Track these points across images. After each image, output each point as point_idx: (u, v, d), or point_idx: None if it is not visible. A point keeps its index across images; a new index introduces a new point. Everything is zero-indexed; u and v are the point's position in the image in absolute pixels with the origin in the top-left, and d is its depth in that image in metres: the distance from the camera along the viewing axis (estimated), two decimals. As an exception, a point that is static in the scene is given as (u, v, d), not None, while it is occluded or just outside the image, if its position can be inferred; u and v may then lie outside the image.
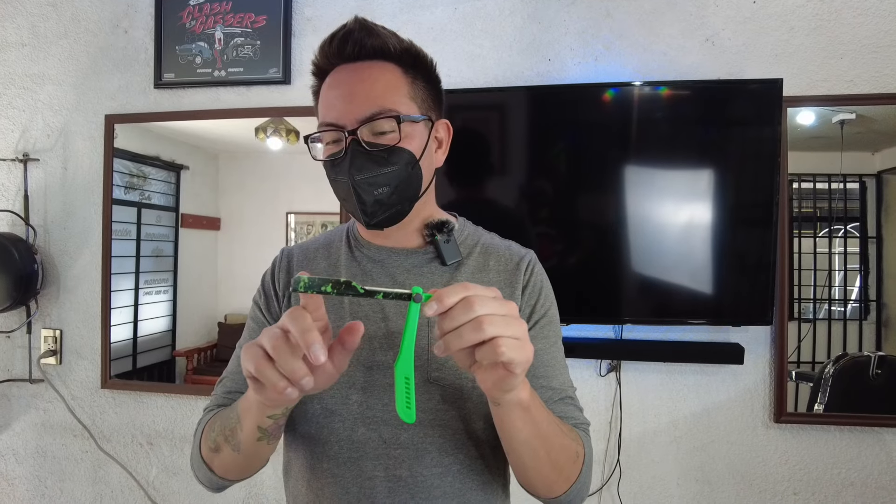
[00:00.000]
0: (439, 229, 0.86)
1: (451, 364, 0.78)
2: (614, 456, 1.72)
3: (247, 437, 0.73)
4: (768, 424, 1.67)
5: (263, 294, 0.91)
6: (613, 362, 1.72)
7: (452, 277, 0.84)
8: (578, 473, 0.76)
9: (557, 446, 0.73)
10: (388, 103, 0.77)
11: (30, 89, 2.03)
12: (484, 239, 0.91)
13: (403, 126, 0.78)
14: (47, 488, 2.04)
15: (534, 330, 0.84)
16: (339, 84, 0.79)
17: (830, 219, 1.65)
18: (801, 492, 1.67)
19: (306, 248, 0.93)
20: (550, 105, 1.67)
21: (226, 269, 1.96)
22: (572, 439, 0.76)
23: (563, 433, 0.74)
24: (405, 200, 0.82)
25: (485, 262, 0.87)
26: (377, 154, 0.77)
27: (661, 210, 1.62)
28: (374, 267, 0.86)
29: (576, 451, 0.76)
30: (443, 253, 0.84)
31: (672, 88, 1.62)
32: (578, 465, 0.76)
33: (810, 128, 1.64)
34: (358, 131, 0.76)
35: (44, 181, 2.01)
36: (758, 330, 1.67)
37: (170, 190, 1.98)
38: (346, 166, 0.77)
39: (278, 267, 0.92)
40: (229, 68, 1.89)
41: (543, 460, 0.73)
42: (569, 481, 0.76)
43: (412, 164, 0.80)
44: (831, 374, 1.66)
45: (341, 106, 0.77)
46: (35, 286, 1.95)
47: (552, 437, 0.72)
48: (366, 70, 0.79)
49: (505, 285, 0.85)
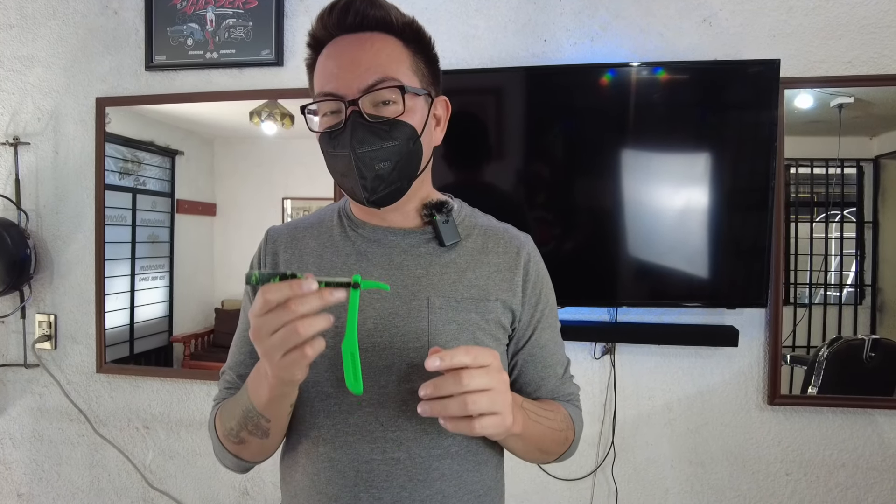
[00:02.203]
0: (438, 209, 0.84)
1: (452, 345, 0.77)
2: (608, 438, 1.73)
3: (278, 423, 0.77)
4: (762, 406, 1.68)
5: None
6: (608, 345, 1.72)
7: (451, 259, 0.83)
8: (568, 447, 0.87)
9: (549, 442, 0.82)
10: (392, 72, 0.75)
11: (19, 72, 2.00)
12: (481, 221, 0.90)
13: (406, 98, 0.75)
14: (44, 472, 2.05)
15: (542, 322, 0.88)
16: (339, 53, 0.76)
17: (827, 204, 1.65)
18: (793, 472, 1.68)
19: (294, 228, 0.90)
20: (546, 86, 1.66)
21: (222, 255, 1.95)
22: (563, 429, 0.84)
23: (556, 430, 0.82)
24: (405, 178, 0.79)
25: (484, 244, 0.86)
26: (379, 126, 0.74)
27: (657, 193, 1.62)
28: (370, 247, 0.83)
29: (566, 436, 0.85)
30: (441, 234, 0.83)
31: (668, 69, 1.60)
32: (567, 443, 0.87)
33: (808, 111, 1.63)
34: (359, 101, 0.73)
35: (35, 165, 1.99)
36: (752, 313, 1.67)
37: (165, 175, 1.96)
38: (347, 138, 0.74)
39: (264, 251, 0.90)
40: (221, 50, 1.86)
41: (537, 455, 0.85)
42: (558, 454, 0.87)
43: (413, 139, 0.77)
44: (825, 356, 1.67)
45: (342, 74, 0.74)
46: (28, 271, 1.94)
47: (546, 441, 0.81)
48: (367, 40, 0.76)
49: (505, 269, 0.84)
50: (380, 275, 0.81)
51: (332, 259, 0.84)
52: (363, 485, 0.78)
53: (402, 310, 0.79)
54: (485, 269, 0.83)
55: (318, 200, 1.88)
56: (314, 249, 0.86)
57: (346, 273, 0.81)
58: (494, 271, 0.83)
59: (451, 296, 0.79)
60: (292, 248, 0.87)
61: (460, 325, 0.79)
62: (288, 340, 0.60)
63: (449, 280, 0.81)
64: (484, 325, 0.80)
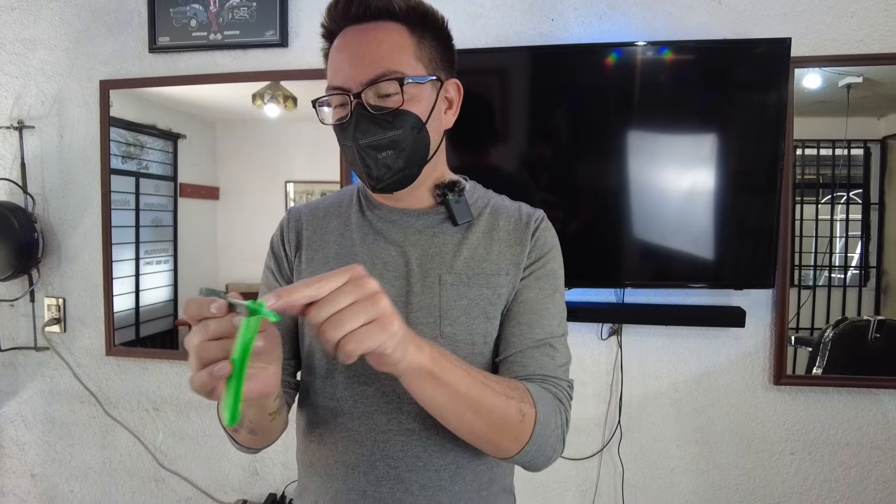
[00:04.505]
0: (450, 189, 0.86)
1: (463, 320, 0.81)
2: (615, 418, 1.75)
3: (259, 422, 0.76)
4: (768, 387, 1.69)
5: (274, 258, 0.91)
6: (615, 326, 1.73)
7: (464, 237, 0.85)
8: (531, 433, 0.71)
9: (487, 407, 0.68)
10: (393, 65, 0.77)
11: (21, 55, 1.99)
12: (494, 201, 0.91)
13: (408, 88, 0.77)
14: (57, 453, 2.08)
15: (528, 279, 0.84)
16: (345, 47, 0.79)
17: (833, 185, 1.64)
18: (797, 451, 1.70)
19: (315, 208, 0.93)
20: (551, 66, 1.64)
21: (225, 239, 1.96)
22: (512, 398, 0.70)
23: (497, 393, 0.69)
24: (413, 164, 0.81)
25: (494, 222, 0.87)
26: (381, 117, 0.77)
27: (664, 174, 1.61)
28: (386, 226, 0.86)
29: (518, 409, 0.70)
30: (454, 213, 0.85)
31: (677, 48, 1.58)
32: (528, 424, 0.71)
33: (815, 92, 1.61)
34: (362, 94, 0.76)
35: (40, 149, 1.99)
36: (759, 294, 1.67)
37: (167, 159, 1.96)
38: (351, 130, 0.78)
39: (286, 228, 0.92)
40: (225, 31, 1.84)
41: (472, 423, 0.70)
42: (519, 441, 0.71)
43: (418, 127, 0.79)
44: (830, 337, 1.67)
45: (347, 69, 0.77)
46: (36, 255, 1.95)
47: (478, 399, 0.68)
48: (370, 32, 0.78)
49: (515, 243, 0.85)
50: (396, 252, 0.84)
51: (352, 237, 0.87)
52: (379, 454, 0.81)
53: (416, 287, 0.82)
54: (496, 246, 0.85)
55: (321, 184, 1.88)
56: (336, 228, 0.89)
57: (365, 251, 0.85)
58: (505, 247, 0.85)
59: (463, 272, 0.82)
60: (314, 226, 0.90)
61: (471, 301, 0.81)
62: (194, 361, 0.56)
63: (461, 257, 0.83)
64: (495, 300, 0.82)
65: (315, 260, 0.87)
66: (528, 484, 1.80)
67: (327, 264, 0.85)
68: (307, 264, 0.87)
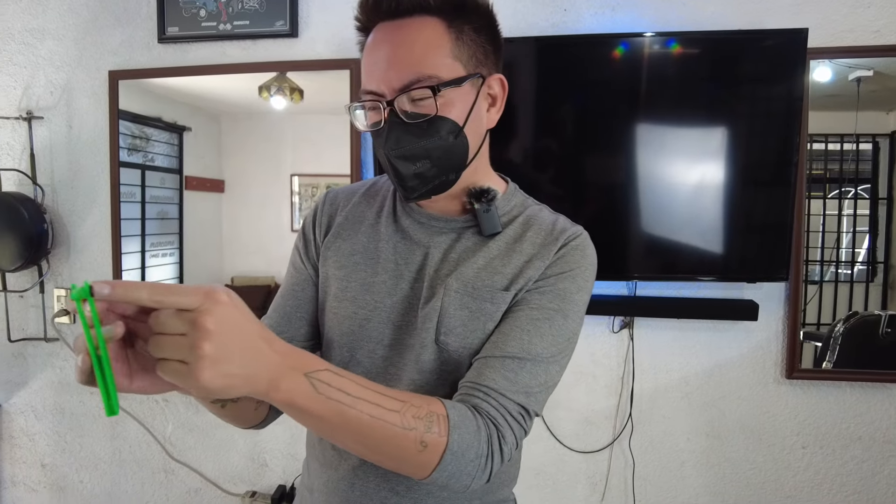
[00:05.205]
0: (478, 198, 0.80)
1: (460, 331, 0.77)
2: (626, 411, 1.74)
3: (212, 407, 0.73)
4: (779, 380, 1.69)
5: (303, 239, 0.90)
6: (626, 319, 1.72)
7: (485, 245, 0.80)
8: (437, 462, 0.65)
9: (373, 439, 0.62)
10: (427, 68, 0.72)
11: (30, 45, 1.98)
12: (530, 211, 0.85)
13: (446, 92, 0.72)
14: (67, 443, 2.09)
15: (530, 293, 0.77)
16: (376, 47, 0.75)
17: (841, 180, 1.62)
18: (809, 445, 1.69)
19: (353, 193, 0.91)
20: (559, 56, 1.62)
21: (231, 232, 1.95)
22: (413, 429, 0.63)
23: (391, 424, 0.62)
24: (449, 171, 0.77)
25: (522, 232, 0.81)
26: (415, 126, 0.73)
27: (677, 167, 1.60)
28: (414, 226, 0.84)
29: (418, 441, 0.63)
30: (481, 222, 0.80)
31: (690, 39, 1.57)
32: (432, 454, 0.64)
33: (825, 85, 1.59)
34: (395, 101, 0.72)
35: (49, 140, 1.98)
36: (771, 287, 1.66)
37: (173, 152, 1.95)
38: (383, 140, 0.74)
39: (320, 212, 0.90)
40: (234, 21, 1.83)
41: (356, 450, 0.65)
42: (422, 468, 0.65)
43: (455, 132, 0.75)
44: (841, 332, 1.67)
45: (379, 73, 0.73)
46: (45, 246, 1.95)
47: (357, 432, 0.61)
48: (404, 29, 0.73)
49: (536, 258, 0.78)
50: (420, 253, 0.82)
51: (380, 233, 0.85)
52: None
53: (427, 290, 0.80)
54: (515, 259, 0.79)
55: (327, 177, 1.87)
56: (368, 220, 0.87)
57: (391, 250, 0.83)
58: (524, 260, 0.78)
59: (471, 282, 0.78)
60: (347, 213, 0.88)
61: (472, 313, 0.77)
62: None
63: (474, 266, 0.79)
64: (497, 317, 0.77)
65: (342, 249, 0.85)
66: (538, 477, 1.81)
67: (353, 256, 0.84)
68: (334, 252, 0.86)
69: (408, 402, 0.65)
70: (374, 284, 0.81)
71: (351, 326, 0.82)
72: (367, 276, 0.82)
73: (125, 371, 0.53)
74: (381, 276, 0.82)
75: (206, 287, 0.51)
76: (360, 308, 0.81)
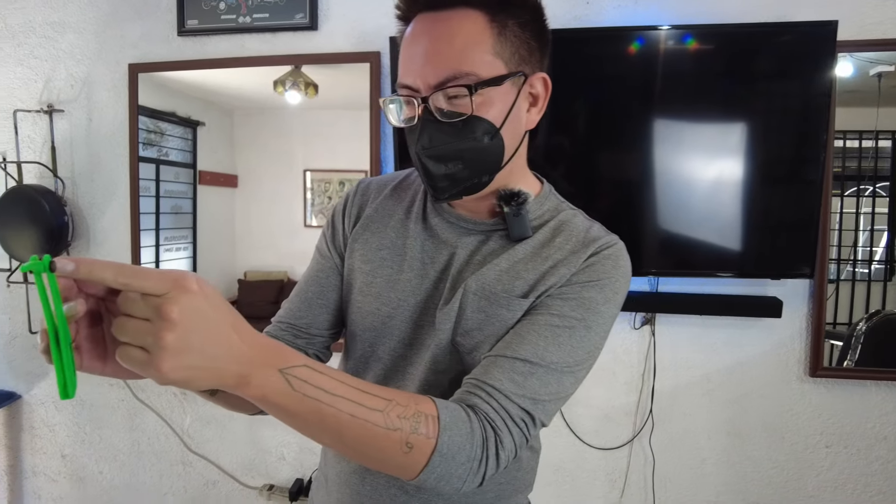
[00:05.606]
0: (508, 201, 0.77)
1: (475, 335, 0.76)
2: (646, 408, 1.73)
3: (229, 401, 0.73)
4: (803, 378, 1.66)
5: (331, 226, 0.89)
6: (647, 315, 1.70)
7: (511, 247, 0.78)
8: (425, 463, 0.62)
9: (352, 438, 0.59)
10: (465, 65, 0.68)
11: (51, 38, 1.99)
12: (563, 215, 0.81)
13: (484, 91, 0.69)
14: (87, 434, 2.10)
15: (550, 298, 0.74)
16: (416, 39, 0.72)
17: (859, 177, 1.60)
18: (833, 445, 1.67)
19: (384, 185, 0.89)
20: (577, 50, 1.60)
21: (243, 227, 1.95)
22: (398, 429, 0.60)
23: (373, 424, 0.59)
24: (482, 174, 0.74)
25: (551, 237, 0.78)
26: (449, 125, 0.70)
27: (701, 162, 1.58)
28: (442, 225, 0.82)
29: (402, 441, 0.61)
30: (510, 226, 0.77)
31: (713, 32, 1.54)
32: (418, 455, 0.62)
33: (846, 80, 1.56)
34: (430, 98, 0.70)
35: (69, 133, 1.99)
36: (795, 284, 1.64)
37: (187, 146, 1.96)
38: (416, 137, 0.72)
39: (350, 202, 0.89)
40: (254, 14, 1.83)
41: (335, 447, 0.64)
42: (406, 470, 0.63)
43: (490, 133, 0.72)
44: (864, 331, 1.64)
45: (416, 68, 0.71)
46: (66, 238, 1.96)
47: (337, 431, 0.59)
48: (444, 22, 0.70)
49: (562, 265, 0.75)
50: (446, 252, 0.80)
51: (409, 229, 0.83)
52: None
53: (448, 291, 0.78)
54: (539, 263, 0.76)
55: (340, 172, 1.86)
56: (398, 213, 0.85)
57: (418, 247, 0.81)
58: (549, 266, 0.75)
59: (490, 287, 0.76)
60: (378, 205, 0.87)
61: (488, 317, 0.75)
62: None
63: (497, 268, 0.77)
64: (512, 324, 0.75)
65: (370, 242, 0.84)
66: (557, 474, 1.80)
67: (380, 251, 0.83)
68: (361, 245, 0.85)
69: (392, 401, 0.61)
70: (399, 282, 0.81)
71: (374, 322, 0.81)
72: (393, 273, 0.81)
73: (99, 353, 0.51)
74: (407, 273, 0.81)
75: (176, 273, 0.48)
76: (383, 304, 0.81)
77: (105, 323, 0.51)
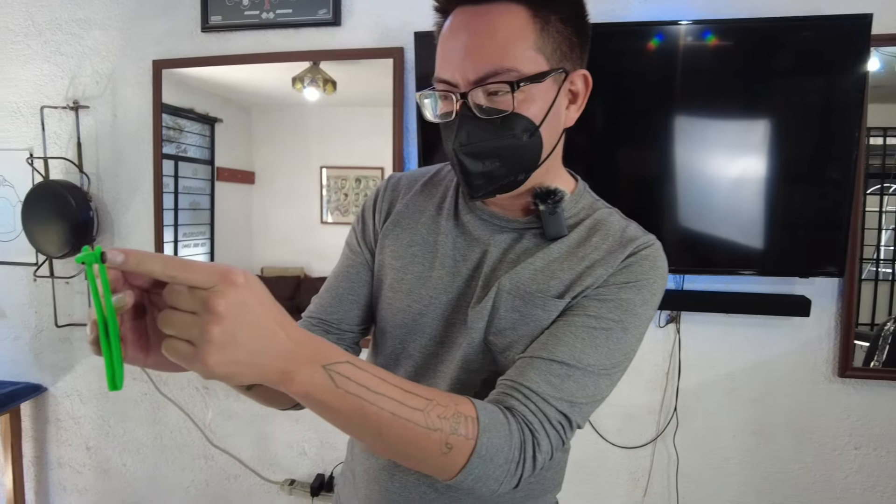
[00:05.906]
0: (544, 199, 0.76)
1: (509, 334, 0.75)
2: (670, 406, 1.71)
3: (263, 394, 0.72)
4: (831, 379, 1.64)
5: (361, 222, 0.88)
6: (673, 313, 1.68)
7: (546, 246, 0.76)
8: (463, 464, 0.62)
9: (392, 437, 0.59)
10: (507, 60, 0.67)
11: (76, 35, 2.01)
12: (599, 214, 0.80)
13: (525, 88, 0.68)
14: (111, 427, 2.13)
15: (587, 300, 0.72)
16: (454, 33, 0.70)
17: (883, 175, 1.57)
18: (862, 446, 1.64)
19: (414, 181, 0.88)
20: (602, 45, 1.58)
21: (260, 223, 1.96)
22: (438, 429, 0.60)
23: (414, 423, 0.59)
24: (518, 172, 0.73)
25: (587, 237, 0.77)
26: (488, 122, 0.69)
27: (730, 160, 1.55)
28: (474, 222, 0.80)
29: (442, 442, 0.60)
30: (545, 225, 0.76)
31: (742, 27, 1.52)
32: (457, 456, 0.61)
33: (872, 76, 1.52)
34: (469, 94, 0.68)
35: (95, 129, 2.01)
36: (823, 283, 1.61)
37: (205, 143, 1.97)
38: (453, 134, 0.70)
39: (381, 197, 0.88)
40: (277, 10, 1.83)
41: (374, 447, 0.63)
42: (445, 471, 0.62)
43: (530, 131, 0.70)
44: (892, 331, 1.61)
45: (455, 63, 0.69)
46: (91, 233, 1.98)
47: (377, 430, 0.58)
48: (485, 16, 0.68)
49: (599, 265, 0.73)
50: (479, 250, 0.79)
51: (440, 226, 0.82)
52: None
53: (481, 290, 0.77)
54: (575, 263, 0.74)
55: (356, 169, 1.86)
56: (430, 210, 0.84)
57: (450, 245, 0.80)
58: (586, 266, 0.74)
59: (524, 285, 0.75)
60: (408, 201, 0.86)
61: (522, 316, 0.74)
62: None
63: (531, 267, 0.75)
64: (547, 324, 0.74)
65: (401, 239, 0.83)
66: (578, 472, 1.79)
67: (411, 248, 0.82)
68: (392, 241, 0.84)
69: (433, 401, 0.61)
70: (430, 279, 0.80)
71: (404, 319, 0.81)
72: (424, 270, 0.81)
73: (142, 344, 0.51)
74: (438, 270, 0.80)
75: (223, 267, 0.48)
76: (414, 302, 0.80)
77: (148, 315, 0.51)
